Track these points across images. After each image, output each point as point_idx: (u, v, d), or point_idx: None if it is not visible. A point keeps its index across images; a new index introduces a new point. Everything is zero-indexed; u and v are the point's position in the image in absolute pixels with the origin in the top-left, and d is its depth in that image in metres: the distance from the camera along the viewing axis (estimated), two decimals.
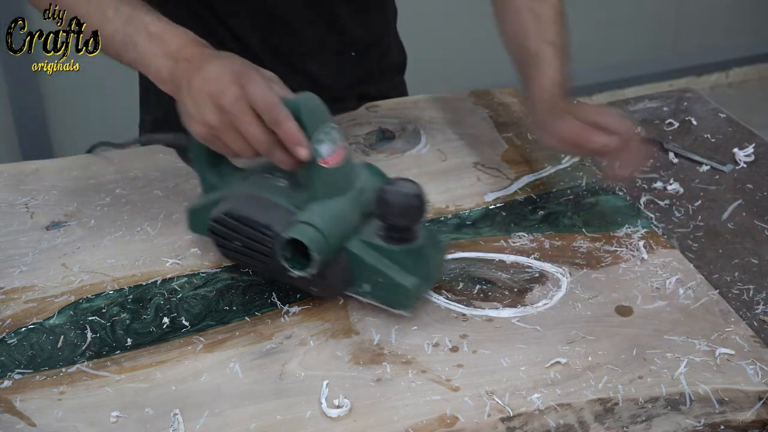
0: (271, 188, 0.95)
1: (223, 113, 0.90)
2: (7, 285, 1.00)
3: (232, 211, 0.93)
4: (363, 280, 0.91)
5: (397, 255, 0.90)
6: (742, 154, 1.26)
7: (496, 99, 1.39)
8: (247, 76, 0.91)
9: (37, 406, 0.84)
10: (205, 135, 0.93)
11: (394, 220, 0.89)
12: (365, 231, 0.92)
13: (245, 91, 0.90)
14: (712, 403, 0.84)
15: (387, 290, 0.91)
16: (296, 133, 0.89)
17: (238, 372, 0.88)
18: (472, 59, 3.05)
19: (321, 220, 0.88)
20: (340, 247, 0.90)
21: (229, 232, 0.94)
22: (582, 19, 3.25)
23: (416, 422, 0.82)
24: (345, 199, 0.92)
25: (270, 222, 0.91)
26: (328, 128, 0.91)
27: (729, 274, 1.03)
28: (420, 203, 0.89)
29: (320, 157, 0.90)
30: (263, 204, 0.93)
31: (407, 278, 0.90)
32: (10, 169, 1.21)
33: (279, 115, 0.89)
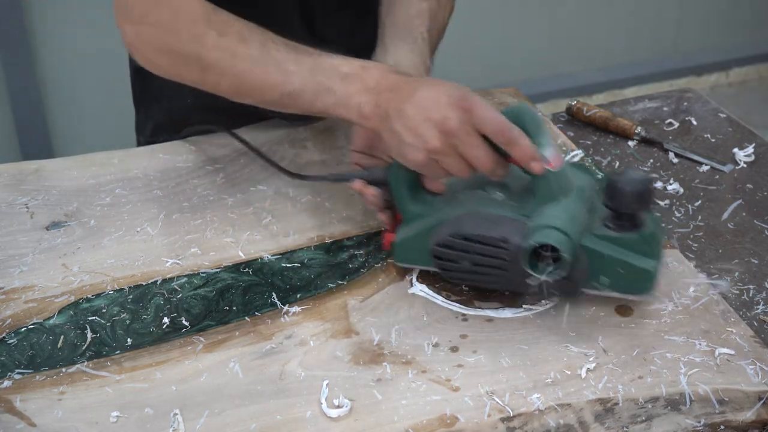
0: (490, 203, 0.94)
1: (448, 137, 0.89)
2: (7, 285, 1.00)
3: (460, 232, 0.92)
4: (601, 273, 0.91)
5: (634, 242, 0.90)
6: (742, 154, 1.26)
7: (496, 99, 1.39)
8: (469, 99, 0.90)
9: (37, 406, 0.84)
10: (424, 161, 0.92)
11: (629, 208, 0.90)
12: (594, 226, 0.92)
13: (472, 115, 0.89)
14: (712, 403, 0.84)
15: (628, 278, 0.91)
16: (531, 149, 0.89)
17: (238, 372, 0.88)
18: (472, 59, 3.05)
19: (561, 221, 0.89)
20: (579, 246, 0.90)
21: (458, 253, 0.93)
22: (582, 19, 3.25)
23: (416, 422, 0.82)
24: (571, 199, 0.92)
25: (505, 234, 0.90)
26: (546, 132, 0.91)
27: (729, 274, 1.03)
28: (651, 188, 0.90)
29: (547, 162, 0.90)
30: (490, 219, 0.92)
31: (649, 262, 0.90)
32: (10, 169, 1.21)
33: (512, 135, 0.89)
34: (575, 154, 1.23)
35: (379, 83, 0.96)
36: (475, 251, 0.92)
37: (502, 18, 3.12)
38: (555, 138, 0.88)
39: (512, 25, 3.15)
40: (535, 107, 1.36)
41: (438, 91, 0.91)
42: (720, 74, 3.53)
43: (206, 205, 1.12)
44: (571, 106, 1.36)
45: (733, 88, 3.54)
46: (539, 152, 0.89)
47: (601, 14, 3.27)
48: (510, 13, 3.13)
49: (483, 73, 3.05)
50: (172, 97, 1.28)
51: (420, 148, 0.91)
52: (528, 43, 3.20)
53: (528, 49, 3.20)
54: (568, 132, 1.32)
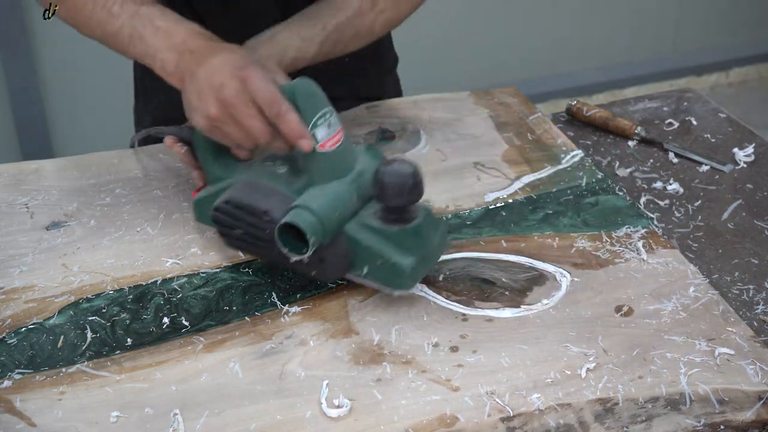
0: (271, 175, 0.97)
1: (224, 106, 0.92)
2: (7, 285, 1.00)
3: (233, 199, 0.95)
4: (362, 262, 0.92)
5: (395, 235, 0.91)
6: (742, 154, 1.26)
7: (496, 99, 1.39)
8: (249, 69, 0.92)
9: (37, 406, 0.84)
10: (207, 126, 0.95)
11: (390, 201, 0.90)
12: (364, 214, 0.93)
13: (247, 85, 0.91)
14: (712, 403, 0.84)
15: (386, 271, 0.92)
16: (298, 125, 0.91)
17: (238, 372, 0.88)
18: (472, 59, 3.06)
19: (317, 203, 0.90)
20: (339, 231, 0.91)
21: (231, 220, 0.95)
22: (582, 19, 3.26)
23: (416, 422, 0.82)
24: (343, 183, 0.93)
25: (269, 208, 0.92)
26: (325, 112, 0.92)
27: (729, 274, 1.03)
28: (415, 182, 0.89)
29: (317, 142, 0.91)
30: (263, 190, 0.94)
31: (405, 258, 0.91)
32: (10, 169, 1.21)
33: (280, 109, 0.91)
34: (575, 154, 1.23)
35: (184, 43, 0.98)
36: (244, 220, 0.94)
37: (502, 18, 3.13)
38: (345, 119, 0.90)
39: (512, 25, 3.16)
40: (534, 107, 1.36)
41: (226, 59, 0.94)
42: (720, 74, 3.53)
43: None
44: (571, 106, 1.36)
45: (733, 88, 3.54)
46: (309, 131, 0.90)
47: (601, 14, 3.27)
48: (510, 13, 3.14)
49: (483, 73, 3.06)
50: (170, 91, 1.29)
51: (202, 113, 0.94)
52: (528, 43, 3.20)
53: (528, 49, 3.20)
54: (568, 132, 1.32)
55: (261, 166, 0.99)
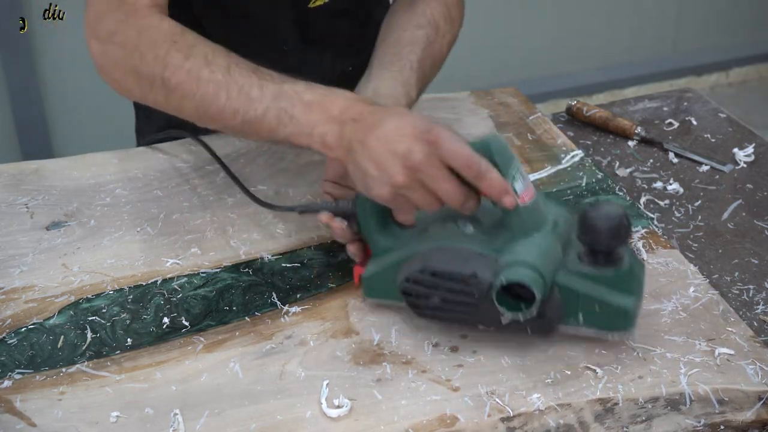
0: (460, 237, 0.91)
1: (413, 172, 0.86)
2: (7, 285, 1.00)
3: (429, 267, 0.89)
4: (577, 310, 0.88)
5: (610, 279, 0.87)
6: (742, 154, 1.26)
7: (496, 99, 1.39)
8: (434, 131, 0.87)
9: (37, 406, 0.84)
10: (390, 195, 0.89)
11: (603, 244, 0.86)
12: (568, 261, 0.88)
13: (438, 147, 0.86)
14: (712, 403, 0.84)
15: (605, 316, 0.87)
16: (502, 183, 0.86)
17: (238, 372, 0.88)
18: (472, 59, 3.05)
19: (533, 258, 0.85)
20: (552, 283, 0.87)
21: (427, 289, 0.89)
22: (582, 19, 3.25)
23: (416, 422, 0.82)
24: (544, 234, 0.88)
25: (474, 270, 0.87)
26: (517, 165, 0.89)
27: (729, 274, 1.03)
28: (628, 223, 0.85)
29: (518, 196, 0.87)
30: (460, 254, 0.89)
31: (625, 299, 0.87)
32: (10, 169, 1.21)
33: (480, 169, 0.85)
34: (575, 154, 1.23)
35: (343, 112, 0.92)
36: (444, 287, 0.88)
37: (502, 18, 3.12)
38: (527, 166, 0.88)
39: (512, 25, 3.15)
40: (534, 107, 1.36)
41: (403, 123, 0.88)
42: (720, 74, 3.53)
43: (206, 205, 1.12)
44: (571, 106, 1.36)
45: (733, 88, 3.54)
46: (510, 186, 0.86)
47: (600, 14, 3.27)
48: (510, 13, 3.13)
49: (483, 73, 3.05)
50: None
51: (385, 182, 0.88)
52: (528, 43, 3.20)
53: (528, 49, 3.20)
54: (568, 132, 1.32)
55: (442, 229, 0.93)
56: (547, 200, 0.93)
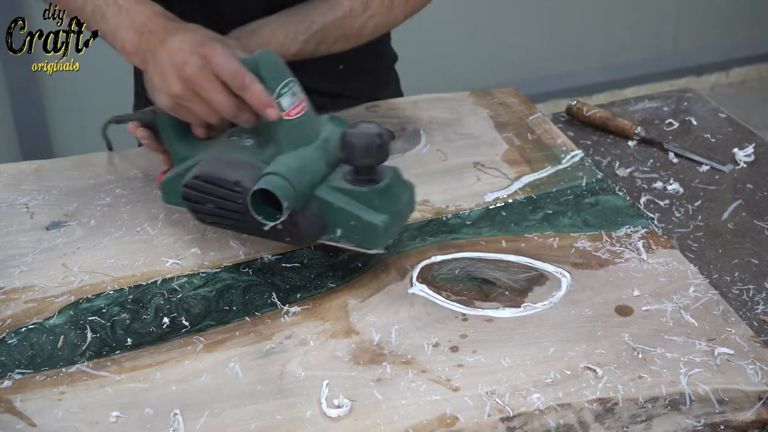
0: (238, 148, 0.98)
1: (187, 83, 0.94)
2: (7, 285, 1.00)
3: (203, 174, 0.96)
4: (335, 225, 0.94)
5: (365, 196, 0.93)
6: (742, 154, 1.26)
7: (496, 99, 1.39)
8: (209, 45, 0.94)
9: (37, 406, 0.84)
10: (171, 105, 0.97)
11: (359, 161, 0.92)
12: (333, 178, 0.95)
13: (208, 60, 0.93)
14: (712, 403, 0.84)
15: (359, 231, 0.94)
16: (263, 95, 0.93)
17: (238, 372, 0.88)
18: (472, 59, 3.06)
19: (287, 169, 0.92)
20: (310, 195, 0.93)
21: (202, 195, 0.97)
22: (582, 18, 3.26)
23: (416, 422, 0.82)
24: (310, 149, 0.95)
25: (239, 178, 0.94)
26: (288, 82, 0.95)
27: (729, 274, 1.03)
28: (382, 141, 0.92)
29: (282, 111, 0.93)
30: (231, 163, 0.96)
31: (377, 216, 0.93)
32: (10, 169, 1.21)
33: (245, 80, 0.92)
34: (575, 154, 1.23)
35: (145, 23, 0.99)
36: (215, 194, 0.96)
37: (502, 18, 3.13)
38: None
39: (512, 25, 3.16)
40: (534, 107, 1.36)
41: (185, 37, 0.95)
42: (720, 74, 3.53)
43: None
44: (571, 106, 1.36)
45: (733, 88, 3.54)
46: (273, 99, 0.93)
47: (600, 14, 3.27)
48: (510, 13, 3.14)
49: (483, 73, 3.06)
50: None
51: (165, 92, 0.95)
52: (528, 43, 3.20)
53: (528, 49, 3.20)
54: (568, 132, 1.32)
55: (226, 141, 1.01)
56: (325, 120, 1.00)
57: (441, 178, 1.18)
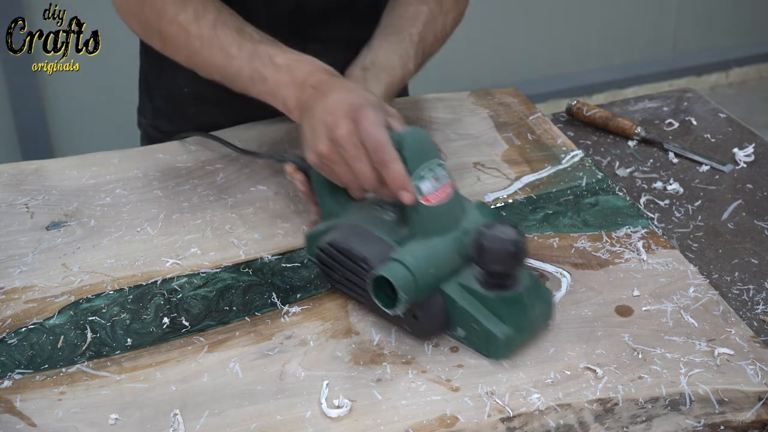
0: (376, 221, 0.93)
1: (334, 145, 0.91)
2: (7, 285, 1.00)
3: (335, 242, 0.92)
4: (458, 323, 0.89)
5: (492, 302, 0.86)
6: (742, 154, 1.26)
7: (496, 99, 1.39)
8: (363, 110, 0.90)
9: (37, 406, 0.84)
10: (317, 162, 0.95)
11: (488, 266, 0.86)
12: (465, 274, 0.88)
13: (358, 126, 0.89)
14: (712, 403, 0.84)
15: (480, 337, 0.87)
16: (400, 176, 0.87)
17: (238, 372, 0.88)
18: (472, 59, 3.05)
19: (413, 258, 0.85)
20: (436, 289, 0.87)
21: (332, 261, 0.93)
22: (582, 19, 3.25)
23: (416, 422, 0.81)
24: (445, 239, 0.88)
25: (367, 255, 0.89)
26: (433, 164, 0.89)
27: (729, 274, 1.03)
28: (516, 250, 0.84)
29: (421, 195, 0.88)
30: (365, 236, 0.91)
31: (499, 327, 0.86)
32: (10, 169, 1.21)
33: (385, 156, 0.88)
34: (575, 154, 1.23)
35: (307, 79, 0.98)
36: (343, 264, 0.92)
37: (502, 18, 3.12)
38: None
39: (512, 25, 3.16)
40: (534, 107, 1.36)
41: (343, 97, 0.93)
42: (720, 74, 3.53)
43: (206, 205, 1.12)
44: (571, 106, 1.36)
45: (733, 88, 3.54)
46: (412, 182, 0.87)
47: (600, 14, 3.27)
48: (510, 14, 3.14)
49: (483, 73, 3.05)
50: (171, 85, 1.29)
51: (312, 149, 0.94)
52: (528, 43, 3.20)
53: (528, 49, 3.20)
54: (568, 132, 1.32)
55: (369, 209, 0.95)
56: (474, 210, 0.93)
57: None
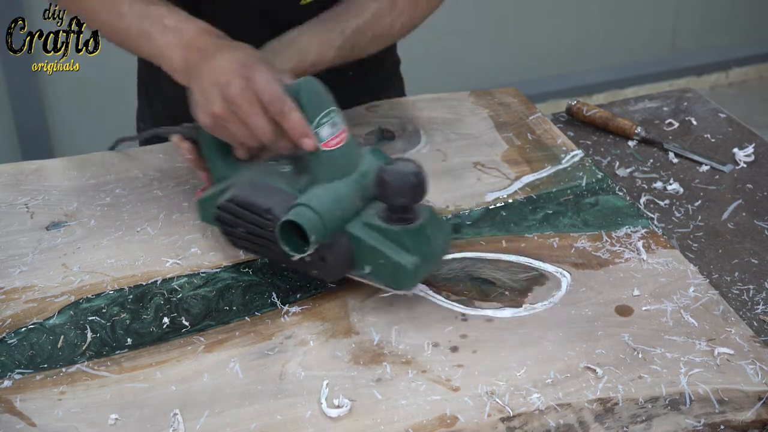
0: (274, 174, 0.96)
1: (228, 104, 0.92)
2: (7, 285, 1.00)
3: (236, 198, 0.95)
4: (364, 261, 0.92)
5: (397, 235, 0.90)
6: (742, 154, 1.26)
7: (496, 99, 1.39)
8: (254, 67, 0.92)
9: (37, 406, 0.84)
10: (211, 124, 0.95)
11: (393, 200, 0.90)
12: (367, 213, 0.92)
13: (251, 82, 0.91)
14: (712, 403, 0.84)
15: (387, 270, 0.91)
16: (301, 124, 0.90)
17: (238, 372, 0.88)
18: (472, 59, 3.05)
19: (318, 201, 0.89)
20: (341, 229, 0.91)
21: (234, 218, 0.95)
22: (582, 19, 3.25)
23: (416, 422, 0.82)
24: (346, 182, 0.92)
25: (271, 206, 0.92)
26: (329, 111, 0.92)
27: (729, 274, 1.03)
28: (418, 181, 0.89)
29: (320, 141, 0.91)
30: (265, 189, 0.94)
31: (406, 257, 0.90)
32: (10, 169, 1.21)
33: (284, 107, 0.90)
34: (575, 154, 1.23)
35: (193, 40, 0.98)
36: (246, 219, 0.94)
37: (502, 18, 3.13)
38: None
39: (512, 25, 3.16)
40: (534, 107, 1.36)
41: (231, 57, 0.94)
42: (720, 74, 3.53)
43: None
44: (571, 106, 1.36)
45: (733, 88, 3.54)
46: (312, 130, 0.90)
47: (600, 14, 3.27)
48: (510, 13, 3.14)
49: (483, 73, 3.06)
50: (170, 90, 1.29)
51: (206, 110, 0.94)
52: (528, 43, 3.20)
53: (528, 49, 3.20)
54: (568, 132, 1.32)
55: (265, 165, 0.99)
56: (370, 154, 0.96)
57: (441, 178, 1.18)
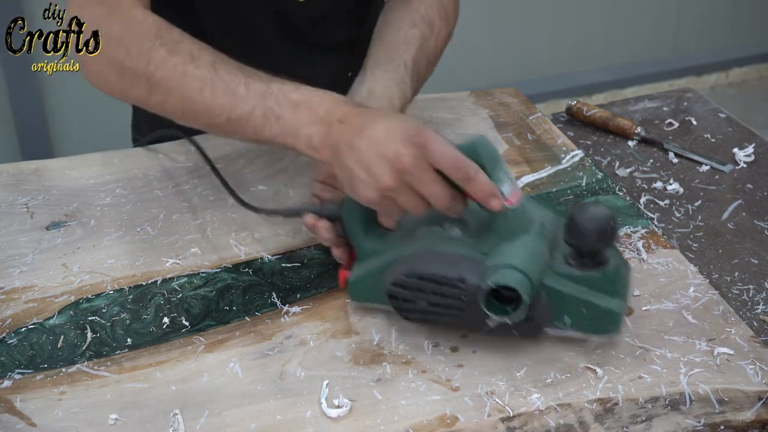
0: (446, 240, 0.90)
1: (401, 175, 0.85)
2: (7, 285, 1.00)
3: (415, 271, 0.88)
4: (563, 313, 0.87)
5: (596, 280, 0.86)
6: (742, 154, 1.26)
7: (496, 99, 1.39)
8: (424, 134, 0.86)
9: (37, 406, 0.84)
10: (377, 198, 0.88)
11: (590, 246, 0.86)
12: (555, 263, 0.88)
13: (425, 150, 0.85)
14: (712, 403, 0.84)
15: (592, 318, 0.87)
16: (489, 186, 0.85)
17: (238, 372, 0.88)
18: (472, 59, 3.05)
19: (519, 260, 0.85)
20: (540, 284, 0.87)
21: (414, 293, 0.89)
22: (582, 19, 3.25)
23: (416, 422, 0.82)
24: (531, 236, 0.88)
25: (463, 275, 0.86)
26: (504, 167, 0.88)
27: (729, 274, 1.03)
28: (615, 224, 0.85)
29: (504, 198, 0.87)
30: (446, 257, 0.88)
31: (612, 302, 0.86)
32: (10, 169, 1.21)
33: (468, 171, 0.85)
34: (575, 154, 1.23)
35: (330, 113, 0.91)
36: (431, 291, 0.88)
37: (502, 18, 3.13)
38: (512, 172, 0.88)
39: (512, 25, 3.16)
40: (534, 108, 1.36)
41: (391, 126, 0.87)
42: (720, 74, 3.53)
43: (206, 205, 1.12)
44: (571, 106, 1.36)
45: (733, 88, 3.54)
46: (497, 188, 0.86)
47: (600, 14, 3.27)
48: (510, 13, 3.14)
49: (483, 73, 3.06)
50: None
51: (372, 185, 0.86)
52: (528, 43, 3.20)
53: (528, 49, 3.20)
54: (568, 132, 1.32)
55: (428, 232, 0.92)
56: (533, 202, 0.93)
57: None
